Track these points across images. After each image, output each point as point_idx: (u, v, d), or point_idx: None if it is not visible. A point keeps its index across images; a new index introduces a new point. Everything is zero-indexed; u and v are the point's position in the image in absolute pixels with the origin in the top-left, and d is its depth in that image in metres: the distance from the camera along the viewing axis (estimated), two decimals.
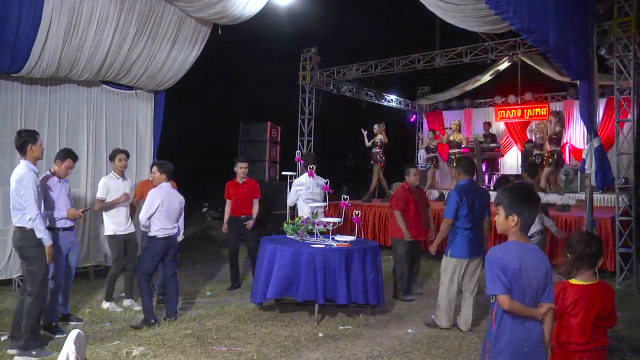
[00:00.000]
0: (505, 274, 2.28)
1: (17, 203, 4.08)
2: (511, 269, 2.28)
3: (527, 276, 2.30)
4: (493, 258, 2.33)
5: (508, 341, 2.31)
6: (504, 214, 2.38)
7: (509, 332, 2.32)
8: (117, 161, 5.51)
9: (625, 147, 7.33)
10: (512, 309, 2.27)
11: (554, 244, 7.40)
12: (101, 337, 4.54)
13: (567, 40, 5.87)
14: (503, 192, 2.45)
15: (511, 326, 2.31)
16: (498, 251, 2.37)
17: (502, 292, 2.28)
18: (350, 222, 7.13)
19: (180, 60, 7.41)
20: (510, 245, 2.37)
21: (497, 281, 2.28)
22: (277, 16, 8.92)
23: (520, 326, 2.31)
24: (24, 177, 4.07)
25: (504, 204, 2.39)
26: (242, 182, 6.57)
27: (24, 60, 5.77)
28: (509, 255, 2.32)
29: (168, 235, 4.97)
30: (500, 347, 2.32)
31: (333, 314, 5.32)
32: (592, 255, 2.52)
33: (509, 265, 2.29)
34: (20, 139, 4.20)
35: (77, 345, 2.64)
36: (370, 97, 13.54)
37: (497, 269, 2.29)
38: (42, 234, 4.09)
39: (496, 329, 2.34)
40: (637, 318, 5.30)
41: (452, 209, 4.80)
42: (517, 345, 2.30)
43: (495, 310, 2.36)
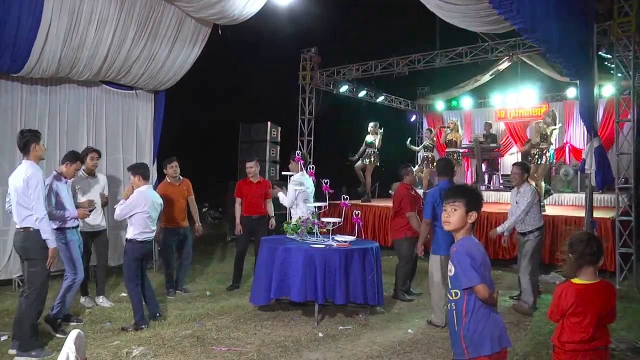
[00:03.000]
0: (477, 265, 2.37)
1: (24, 202, 4.04)
2: (478, 261, 2.39)
3: (487, 267, 2.44)
4: (462, 252, 2.41)
5: (486, 331, 2.38)
6: (465, 210, 2.47)
7: (484, 321, 2.39)
8: (87, 160, 5.43)
9: (625, 147, 7.33)
10: (490, 297, 2.36)
11: (554, 244, 7.42)
12: (101, 337, 4.54)
13: (568, 40, 5.88)
14: (464, 190, 2.58)
15: (488, 314, 2.40)
16: (465, 246, 2.45)
17: (479, 282, 2.35)
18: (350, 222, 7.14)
19: (180, 60, 7.41)
20: (471, 240, 2.49)
21: (472, 272, 2.35)
22: (277, 16, 8.92)
23: (493, 314, 2.43)
24: (31, 177, 4.03)
25: (466, 201, 2.48)
26: (255, 181, 6.54)
27: (24, 60, 5.78)
28: (475, 248, 2.44)
29: (147, 239, 4.87)
30: (479, 339, 2.37)
31: (333, 314, 5.32)
32: (593, 255, 2.52)
33: (477, 257, 2.40)
34: (23, 138, 4.16)
35: (77, 345, 2.64)
36: (370, 97, 13.54)
37: (469, 260, 2.37)
38: (47, 234, 4.07)
39: (469, 322, 2.39)
40: (637, 318, 5.30)
41: (428, 209, 4.99)
42: (493, 334, 2.39)
43: (465, 304, 2.40)
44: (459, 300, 2.44)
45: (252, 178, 6.54)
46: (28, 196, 4.02)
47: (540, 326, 4.99)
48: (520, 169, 5.76)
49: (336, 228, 5.46)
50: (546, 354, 4.17)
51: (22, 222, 4.08)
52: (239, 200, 6.55)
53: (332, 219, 5.45)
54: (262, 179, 6.65)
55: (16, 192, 4.05)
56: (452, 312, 2.48)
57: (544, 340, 4.50)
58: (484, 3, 5.49)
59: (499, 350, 2.39)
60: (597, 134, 6.89)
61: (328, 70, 11.98)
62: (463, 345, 2.40)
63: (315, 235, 5.49)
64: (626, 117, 7.33)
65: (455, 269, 2.43)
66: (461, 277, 2.39)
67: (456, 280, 2.43)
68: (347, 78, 12.09)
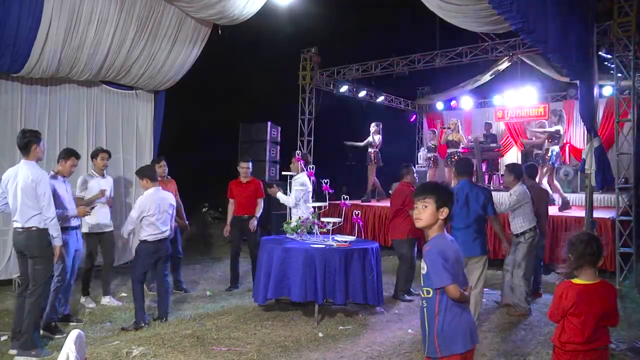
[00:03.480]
0: (449, 265, 2.40)
1: (31, 204, 4.05)
2: (451, 261, 2.42)
3: (459, 265, 2.50)
4: (435, 251, 2.44)
5: (459, 329, 2.42)
6: (436, 206, 2.48)
7: (457, 320, 2.42)
8: (98, 160, 5.58)
9: (625, 147, 7.32)
10: (461, 296, 2.41)
11: (554, 244, 7.42)
12: (101, 337, 4.54)
13: (567, 41, 5.88)
14: (433, 186, 2.61)
15: (460, 313, 2.44)
16: (437, 245, 2.46)
17: (451, 282, 2.38)
18: (350, 222, 7.14)
19: (180, 60, 7.41)
20: (444, 238, 2.51)
21: (444, 272, 2.38)
22: (277, 16, 8.91)
23: (464, 313, 2.46)
24: (41, 180, 4.07)
25: (437, 197, 2.49)
26: (245, 181, 6.55)
27: (24, 60, 5.78)
28: (448, 247, 2.47)
29: (159, 238, 4.93)
30: (452, 337, 2.41)
31: (333, 314, 5.32)
32: (593, 255, 2.52)
33: (449, 256, 2.43)
34: (25, 138, 4.16)
35: (77, 345, 2.64)
36: (370, 97, 13.53)
37: (442, 261, 2.40)
38: (57, 233, 4.11)
39: (442, 321, 2.41)
40: (637, 318, 5.30)
41: None
42: (465, 331, 2.44)
43: (437, 303, 2.43)
44: (431, 299, 2.46)
45: (243, 178, 6.54)
46: (37, 198, 4.04)
47: (540, 326, 4.99)
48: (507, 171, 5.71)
49: (336, 228, 5.46)
50: (546, 354, 4.17)
51: (27, 222, 4.08)
52: (232, 201, 6.57)
53: (332, 219, 5.45)
54: (252, 178, 6.64)
55: (23, 193, 4.05)
56: (424, 309, 2.51)
57: (544, 340, 4.50)
58: (484, 3, 5.49)
59: (470, 348, 2.45)
60: (597, 134, 6.88)
61: (328, 70, 11.98)
62: (436, 344, 2.43)
63: (315, 235, 5.49)
64: (626, 117, 7.32)
65: (428, 268, 2.45)
66: (433, 277, 2.42)
67: (428, 279, 2.46)
68: (347, 78, 12.08)
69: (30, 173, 4.07)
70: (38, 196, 4.05)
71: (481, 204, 4.94)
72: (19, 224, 4.12)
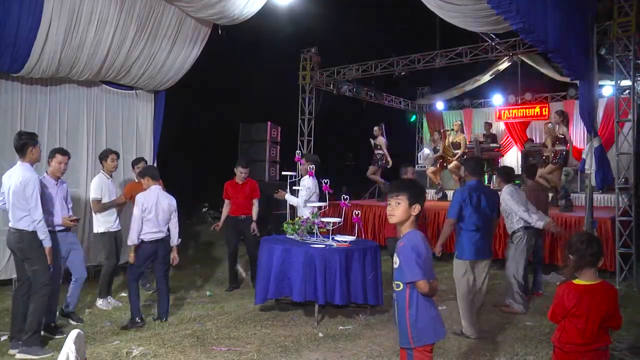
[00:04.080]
0: (421, 261, 2.51)
1: (20, 205, 4.07)
2: (423, 256, 2.53)
3: (429, 260, 2.59)
4: (409, 246, 2.53)
5: (428, 320, 2.56)
6: (408, 203, 2.58)
7: (427, 312, 2.56)
8: (109, 161, 5.60)
9: (625, 147, 7.32)
10: (430, 291, 2.52)
11: (554, 244, 7.42)
12: (101, 337, 4.54)
13: (567, 40, 5.88)
14: (405, 183, 2.73)
15: (429, 307, 2.57)
16: (411, 241, 2.56)
17: (422, 278, 2.49)
18: (350, 222, 7.13)
19: (180, 60, 7.41)
20: (417, 234, 2.61)
21: (417, 268, 2.49)
22: (277, 16, 8.92)
23: (432, 306, 2.60)
24: (29, 182, 4.08)
25: (409, 194, 2.59)
26: (241, 182, 6.57)
27: (24, 60, 5.77)
28: (420, 243, 2.56)
29: (155, 239, 4.94)
30: (423, 329, 2.54)
31: (333, 314, 5.31)
32: (594, 255, 2.52)
33: (422, 252, 2.53)
34: (21, 140, 4.20)
35: (77, 345, 2.65)
36: (370, 97, 13.53)
37: (415, 257, 2.50)
38: (44, 235, 4.11)
39: (415, 313, 2.54)
40: (637, 318, 5.29)
41: (454, 209, 4.63)
42: (435, 323, 2.58)
43: (408, 296, 2.54)
44: (402, 293, 2.57)
45: (239, 180, 6.56)
46: (25, 200, 4.06)
47: (540, 326, 4.99)
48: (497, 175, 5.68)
49: (336, 228, 5.46)
50: (546, 354, 4.17)
51: (17, 224, 4.12)
52: (227, 201, 6.59)
53: (332, 219, 5.45)
54: (248, 179, 6.65)
55: (13, 194, 4.09)
56: (395, 303, 2.63)
57: (544, 340, 4.50)
58: (483, 3, 5.49)
59: (439, 339, 2.63)
60: (597, 134, 6.88)
61: (328, 70, 11.98)
62: (410, 335, 2.54)
63: (315, 235, 5.49)
64: (626, 117, 7.32)
65: (401, 263, 2.55)
66: (406, 272, 2.52)
67: (400, 273, 2.56)
68: (347, 78, 12.08)
69: (21, 175, 4.10)
70: (26, 199, 4.07)
71: (492, 206, 4.84)
72: (11, 224, 4.17)
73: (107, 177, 5.63)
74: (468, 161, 5.52)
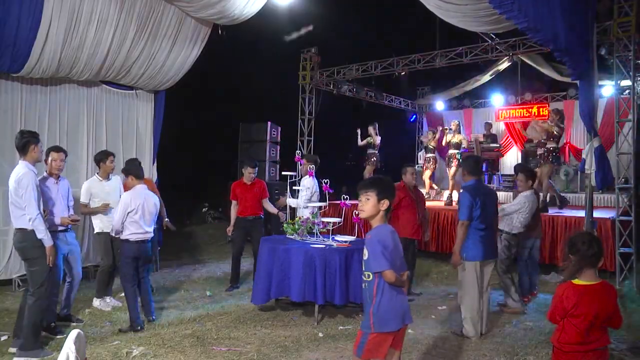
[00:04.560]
0: (388, 252, 2.65)
1: (16, 203, 4.06)
2: (389, 248, 2.67)
3: (398, 253, 2.74)
4: (376, 239, 2.68)
5: (392, 309, 2.69)
6: (377, 199, 2.72)
7: (392, 301, 2.69)
8: (108, 163, 5.48)
9: (625, 147, 7.32)
10: (396, 281, 2.67)
11: (554, 243, 7.42)
12: (101, 337, 4.54)
13: (572, 40, 5.88)
14: (373, 180, 2.83)
15: (395, 296, 2.71)
16: (378, 234, 2.71)
17: (388, 268, 2.63)
18: (350, 222, 7.13)
19: (180, 60, 7.42)
20: (385, 228, 2.75)
21: (382, 259, 2.63)
22: (277, 16, 8.92)
23: (399, 295, 2.75)
24: (22, 177, 4.04)
25: (377, 190, 2.73)
26: (250, 183, 6.55)
27: (24, 60, 5.78)
28: (387, 236, 2.71)
29: (141, 239, 4.84)
30: (385, 317, 2.68)
31: (333, 314, 5.32)
32: (594, 256, 2.52)
33: (388, 244, 2.68)
34: (23, 138, 4.17)
35: (77, 345, 2.65)
36: (370, 97, 13.53)
37: (381, 248, 2.64)
38: (42, 234, 4.06)
39: (379, 302, 2.68)
40: (636, 318, 5.29)
41: (466, 210, 4.55)
42: (398, 312, 2.72)
43: (376, 285, 2.69)
44: (371, 282, 2.72)
45: (247, 180, 6.54)
46: (20, 197, 4.03)
47: (540, 326, 4.99)
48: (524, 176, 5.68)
49: (336, 228, 5.46)
50: (546, 354, 4.17)
51: (17, 223, 4.10)
52: (235, 202, 6.54)
53: (332, 219, 5.45)
54: (256, 179, 6.64)
55: (11, 193, 4.07)
56: (365, 291, 2.78)
57: (544, 340, 4.50)
58: (483, 3, 5.50)
59: (401, 327, 2.74)
60: (597, 134, 6.88)
61: (328, 70, 11.97)
62: (371, 321, 2.69)
63: (315, 235, 5.49)
64: (626, 117, 7.32)
65: (369, 255, 2.70)
66: (372, 263, 2.67)
67: (368, 264, 2.70)
68: (347, 78, 12.08)
69: (17, 173, 4.08)
70: (20, 195, 4.03)
71: (494, 206, 4.84)
72: (14, 224, 4.17)
73: (100, 179, 5.49)
74: (466, 160, 5.44)
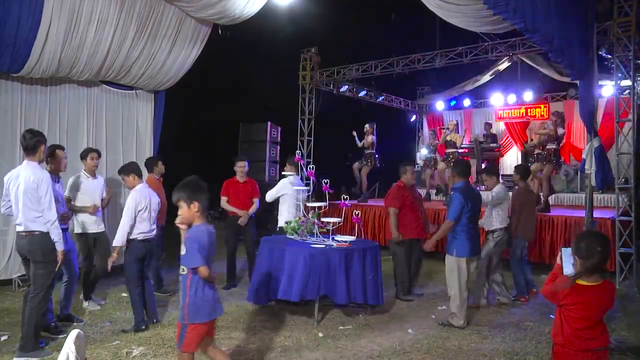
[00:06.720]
0: (203, 250, 2.89)
1: (32, 206, 3.94)
2: (205, 246, 2.92)
3: (212, 250, 2.99)
4: (192, 238, 2.92)
5: (205, 302, 2.97)
6: (187, 205, 2.94)
7: (205, 295, 2.97)
8: (88, 160, 5.41)
9: (625, 147, 7.32)
10: (210, 276, 2.94)
11: (554, 244, 7.42)
12: (101, 337, 4.54)
13: (570, 40, 5.88)
14: (180, 189, 2.99)
15: (207, 290, 2.99)
16: (195, 233, 2.94)
17: (203, 264, 2.90)
18: (350, 222, 7.13)
19: (180, 60, 7.41)
20: (202, 227, 2.98)
21: (198, 256, 2.88)
22: (277, 16, 8.92)
23: (210, 290, 3.02)
24: (42, 179, 3.97)
25: (184, 197, 2.94)
26: (242, 181, 6.56)
27: (24, 60, 5.77)
28: (203, 236, 2.94)
29: (147, 238, 4.80)
30: (197, 309, 2.95)
31: (333, 314, 5.32)
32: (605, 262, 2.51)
33: (204, 243, 2.92)
34: (34, 137, 4.06)
35: (77, 345, 2.65)
36: (370, 97, 13.53)
37: (197, 246, 2.88)
38: (58, 237, 4.03)
39: (192, 295, 2.94)
40: (637, 319, 5.30)
41: (456, 211, 4.90)
42: (210, 305, 3.01)
43: (189, 280, 2.95)
44: (185, 276, 2.97)
45: (240, 178, 6.56)
46: (38, 200, 3.95)
47: (540, 326, 4.99)
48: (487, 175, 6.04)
49: (336, 228, 5.46)
50: (546, 354, 4.17)
51: (28, 225, 3.98)
52: (225, 198, 6.55)
53: (332, 219, 5.44)
54: (249, 178, 6.65)
55: (24, 194, 3.95)
56: (180, 284, 3.03)
57: (544, 340, 4.50)
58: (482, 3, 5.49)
59: (213, 318, 3.05)
60: (597, 134, 6.88)
61: (328, 70, 11.97)
62: (185, 312, 2.96)
63: (315, 235, 5.48)
64: (626, 117, 7.32)
65: (186, 251, 2.92)
66: (188, 259, 2.92)
67: (185, 260, 2.94)
68: (347, 78, 12.08)
69: (32, 174, 3.97)
70: (39, 198, 3.95)
71: (479, 206, 5.20)
72: (21, 227, 4.02)
73: (87, 176, 5.42)
74: (457, 164, 5.76)
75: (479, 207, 5.20)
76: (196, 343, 2.99)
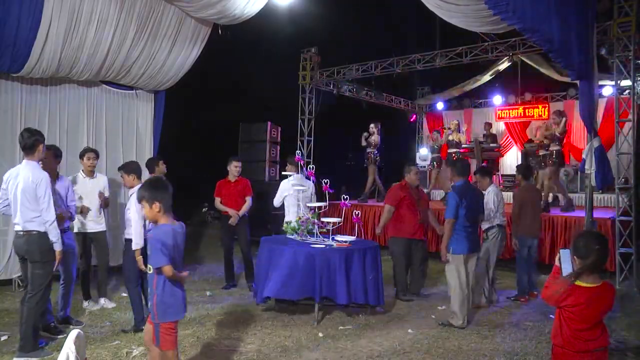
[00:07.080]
0: (167, 250, 2.89)
1: (31, 206, 3.94)
2: (169, 246, 2.92)
3: (178, 250, 3.02)
4: (155, 238, 2.93)
5: (172, 301, 3.01)
6: (149, 205, 2.96)
7: (172, 293, 3.00)
8: (84, 160, 5.45)
9: (625, 147, 7.32)
10: (174, 276, 2.94)
11: (554, 244, 7.42)
12: (101, 337, 4.54)
13: (569, 40, 5.88)
14: (142, 189, 3.04)
15: (174, 289, 3.02)
16: (159, 233, 2.95)
17: (167, 263, 2.89)
18: (350, 222, 7.13)
19: (180, 60, 7.41)
20: (167, 227, 2.99)
21: (162, 255, 2.88)
22: (277, 16, 8.92)
23: (177, 289, 3.05)
24: (42, 179, 3.97)
25: (146, 197, 2.97)
26: (233, 180, 6.57)
27: (24, 60, 5.77)
28: (168, 235, 2.95)
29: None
30: (167, 308, 2.99)
31: (333, 314, 5.32)
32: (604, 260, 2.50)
33: (168, 243, 2.92)
34: (32, 137, 4.05)
35: (77, 345, 2.65)
36: (370, 97, 13.53)
37: (160, 246, 2.88)
38: (56, 237, 4.03)
39: (161, 294, 2.97)
40: (637, 319, 5.30)
41: (452, 209, 4.98)
42: (179, 304, 3.05)
43: (156, 280, 2.97)
44: (152, 276, 2.99)
45: (232, 177, 6.57)
46: (36, 199, 3.94)
47: (540, 326, 4.99)
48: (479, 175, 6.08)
49: (336, 228, 5.46)
50: (546, 354, 4.17)
51: (26, 225, 3.98)
52: (218, 199, 6.58)
53: (332, 219, 5.44)
54: (240, 177, 6.65)
55: (23, 193, 3.95)
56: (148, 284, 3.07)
57: (544, 340, 4.50)
58: (482, 3, 5.50)
59: (180, 317, 3.10)
60: (597, 134, 6.88)
61: (328, 70, 11.97)
62: (155, 311, 2.98)
63: (315, 235, 5.48)
64: (626, 117, 7.32)
65: (151, 251, 2.93)
66: (152, 258, 2.93)
67: (151, 260, 2.95)
68: (347, 78, 12.07)
69: (31, 174, 3.96)
70: (38, 198, 3.94)
71: (479, 204, 5.30)
72: (19, 226, 4.02)
73: (84, 176, 5.45)
74: (455, 163, 5.78)
75: (478, 206, 5.24)
76: (172, 339, 3.02)
